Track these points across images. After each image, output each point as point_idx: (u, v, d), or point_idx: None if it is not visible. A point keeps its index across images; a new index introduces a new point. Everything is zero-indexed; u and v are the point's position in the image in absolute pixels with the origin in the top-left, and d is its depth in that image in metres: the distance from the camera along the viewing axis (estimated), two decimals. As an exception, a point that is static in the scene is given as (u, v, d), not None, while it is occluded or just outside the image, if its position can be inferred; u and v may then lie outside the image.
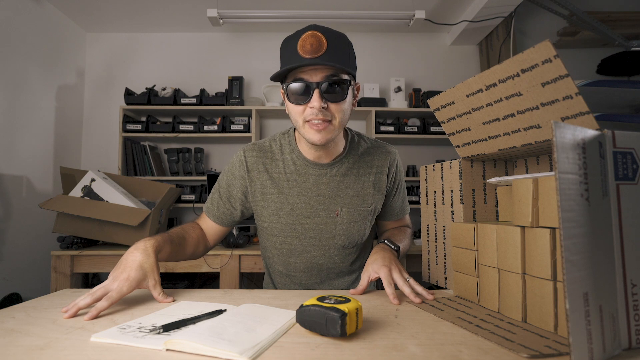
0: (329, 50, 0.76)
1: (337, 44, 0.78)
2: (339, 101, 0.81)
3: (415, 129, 2.46)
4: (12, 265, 2.04)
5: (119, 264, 0.72)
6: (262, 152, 0.94)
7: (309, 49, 0.76)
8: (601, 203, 0.47)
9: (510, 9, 2.22)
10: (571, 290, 0.41)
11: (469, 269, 0.73)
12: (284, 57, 0.82)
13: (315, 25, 0.79)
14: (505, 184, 0.79)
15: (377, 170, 0.97)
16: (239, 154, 0.95)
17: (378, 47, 2.76)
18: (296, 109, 0.82)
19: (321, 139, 0.82)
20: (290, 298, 0.77)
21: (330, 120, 0.81)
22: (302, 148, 0.92)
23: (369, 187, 0.95)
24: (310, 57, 0.76)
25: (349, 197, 0.93)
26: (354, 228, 0.94)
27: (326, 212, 0.93)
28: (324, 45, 0.76)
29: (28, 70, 2.18)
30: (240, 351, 0.46)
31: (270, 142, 0.96)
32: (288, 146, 0.94)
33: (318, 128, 0.81)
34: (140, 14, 2.51)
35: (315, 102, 0.78)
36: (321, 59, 0.76)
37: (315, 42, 0.76)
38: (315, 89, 0.78)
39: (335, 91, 0.80)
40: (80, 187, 1.90)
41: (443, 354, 0.48)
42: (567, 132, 0.44)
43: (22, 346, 0.51)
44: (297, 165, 0.92)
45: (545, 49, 0.55)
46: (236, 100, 2.47)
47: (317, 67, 0.78)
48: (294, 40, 0.79)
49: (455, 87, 0.74)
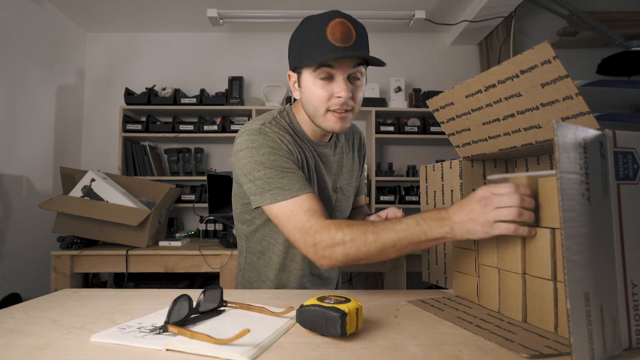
0: (357, 39, 0.76)
1: (362, 33, 0.79)
2: (359, 91, 0.82)
3: (415, 129, 2.46)
4: (12, 265, 2.04)
5: None
6: (279, 127, 0.85)
7: (340, 37, 0.74)
8: (602, 203, 0.47)
9: (510, 9, 2.22)
10: (572, 290, 0.41)
11: (469, 269, 0.73)
12: (308, 42, 0.78)
13: (338, 11, 0.77)
14: (505, 181, 0.79)
15: (357, 148, 1.03)
16: (262, 131, 0.81)
17: (378, 47, 2.76)
18: (319, 96, 0.79)
19: (342, 126, 0.82)
20: (290, 298, 0.76)
21: (351, 110, 0.82)
22: (305, 128, 0.90)
23: (354, 162, 1.01)
24: (342, 46, 0.74)
25: (347, 173, 0.97)
26: (346, 204, 0.98)
27: (332, 190, 0.94)
28: (353, 33, 0.76)
29: (28, 70, 2.18)
30: (240, 351, 0.46)
31: (277, 119, 0.88)
32: (291, 126, 0.90)
33: (341, 116, 0.80)
34: (140, 14, 2.51)
35: (344, 92, 0.78)
36: (353, 49, 0.75)
37: (346, 30, 0.75)
38: (344, 79, 0.78)
39: (358, 80, 0.81)
40: (80, 187, 1.89)
41: (443, 354, 0.48)
42: (568, 132, 0.44)
43: (22, 346, 0.50)
44: (306, 144, 0.89)
45: (544, 50, 0.55)
46: (236, 100, 2.47)
47: (348, 58, 0.77)
48: (320, 25, 0.76)
49: (454, 88, 0.74)
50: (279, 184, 0.76)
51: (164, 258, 1.89)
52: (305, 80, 0.81)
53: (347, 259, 0.70)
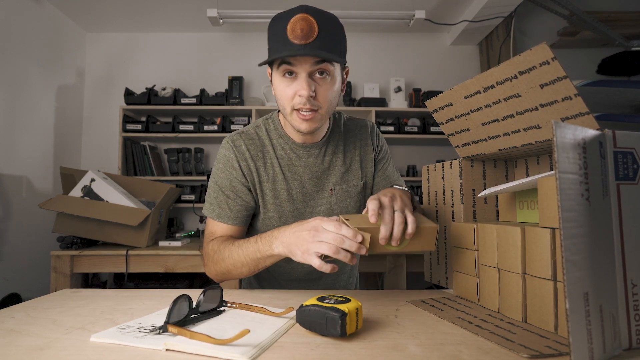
0: (320, 36, 0.73)
1: (328, 28, 0.75)
2: (327, 89, 0.79)
3: (415, 129, 2.46)
4: (12, 265, 2.04)
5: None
6: (250, 140, 0.89)
7: (299, 34, 0.72)
8: (601, 203, 0.47)
9: (510, 9, 2.22)
10: (571, 290, 0.41)
11: (469, 269, 0.73)
12: (273, 38, 0.78)
13: (306, 6, 0.75)
14: (496, 194, 0.79)
15: (361, 144, 0.97)
16: (227, 145, 0.89)
17: (378, 47, 2.76)
18: (284, 95, 0.79)
19: (308, 127, 0.80)
20: (290, 298, 0.76)
21: (317, 110, 0.79)
22: (289, 131, 0.90)
23: (356, 161, 0.96)
24: (300, 43, 0.72)
25: (340, 175, 0.93)
26: (350, 204, 0.95)
27: (320, 193, 0.92)
28: (315, 30, 0.73)
29: (28, 70, 2.18)
30: (240, 351, 0.46)
31: (254, 130, 0.91)
32: (274, 131, 0.91)
33: (305, 117, 0.78)
34: (140, 14, 2.51)
35: (304, 90, 0.75)
36: (311, 47, 0.73)
37: (306, 26, 0.72)
38: (305, 77, 0.76)
39: (324, 78, 0.78)
40: (80, 187, 1.89)
41: (443, 354, 0.48)
42: (567, 132, 0.44)
43: (22, 346, 0.50)
44: (286, 150, 0.90)
45: (542, 51, 0.55)
46: (236, 100, 2.47)
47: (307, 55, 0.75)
48: (283, 21, 0.75)
49: (453, 89, 0.74)
50: (214, 201, 0.89)
51: (164, 258, 1.89)
52: (274, 78, 0.81)
53: (217, 274, 0.84)
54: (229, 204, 0.88)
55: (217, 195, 0.89)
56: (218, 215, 0.88)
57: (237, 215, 0.88)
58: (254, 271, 0.79)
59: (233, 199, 0.88)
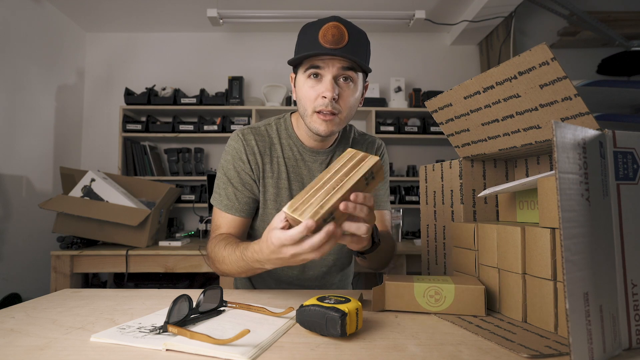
0: (349, 43, 0.77)
1: (357, 39, 0.79)
2: (350, 94, 0.81)
3: (415, 129, 2.46)
4: (12, 265, 2.04)
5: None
6: (259, 136, 0.91)
7: (330, 39, 0.76)
8: (601, 203, 0.47)
9: (510, 9, 2.22)
10: (571, 290, 0.41)
11: (469, 269, 0.73)
12: (303, 43, 0.81)
13: (338, 17, 0.79)
14: (496, 194, 0.79)
15: None
16: (236, 137, 0.90)
17: (378, 47, 2.75)
18: (307, 95, 0.81)
19: (326, 129, 0.82)
20: (290, 298, 0.76)
21: (337, 114, 0.81)
22: (299, 134, 0.91)
23: None
24: (330, 47, 0.76)
25: None
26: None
27: None
28: (345, 37, 0.76)
29: (28, 70, 2.18)
30: (240, 351, 0.46)
31: (265, 127, 0.93)
32: (285, 131, 0.93)
33: (325, 119, 0.80)
34: (140, 14, 2.51)
35: (328, 92, 0.78)
36: (341, 51, 0.76)
37: (337, 33, 0.76)
38: (330, 79, 0.78)
39: (348, 85, 0.81)
40: (80, 187, 1.89)
41: (443, 354, 0.48)
42: (567, 132, 0.44)
43: (22, 346, 0.51)
44: (293, 151, 0.92)
45: (542, 51, 0.55)
46: (236, 100, 2.47)
47: (335, 58, 0.78)
48: (315, 28, 0.78)
49: (453, 90, 0.74)
50: (222, 192, 0.90)
51: (164, 258, 1.89)
52: (298, 80, 0.83)
53: (219, 272, 0.83)
54: (237, 195, 0.89)
55: (225, 187, 0.90)
56: (226, 206, 0.89)
57: (245, 207, 0.90)
58: (252, 275, 0.80)
59: (241, 191, 0.90)
